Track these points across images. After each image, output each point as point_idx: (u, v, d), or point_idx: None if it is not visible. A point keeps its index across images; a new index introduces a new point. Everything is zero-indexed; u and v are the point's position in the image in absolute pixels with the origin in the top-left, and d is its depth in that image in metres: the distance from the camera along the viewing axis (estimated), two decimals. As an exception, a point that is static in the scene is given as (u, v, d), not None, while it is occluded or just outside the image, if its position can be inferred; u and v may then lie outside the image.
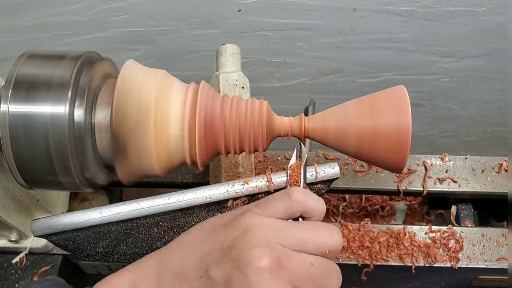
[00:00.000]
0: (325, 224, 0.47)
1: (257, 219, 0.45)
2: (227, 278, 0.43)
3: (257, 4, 0.96)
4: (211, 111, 0.49)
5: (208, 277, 0.44)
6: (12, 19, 0.97)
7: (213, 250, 0.45)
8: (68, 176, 0.49)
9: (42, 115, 0.47)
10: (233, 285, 0.42)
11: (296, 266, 0.43)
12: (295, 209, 0.46)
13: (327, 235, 0.45)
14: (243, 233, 0.44)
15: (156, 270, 0.47)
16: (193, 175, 0.75)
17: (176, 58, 1.09)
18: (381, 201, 1.01)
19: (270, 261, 0.42)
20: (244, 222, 0.45)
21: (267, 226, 0.44)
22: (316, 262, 0.44)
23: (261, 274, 0.42)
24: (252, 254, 0.42)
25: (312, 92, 1.19)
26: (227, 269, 0.43)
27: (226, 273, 0.43)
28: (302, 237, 0.45)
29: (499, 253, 0.71)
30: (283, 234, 0.44)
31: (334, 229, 0.46)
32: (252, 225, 0.45)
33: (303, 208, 0.47)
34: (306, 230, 0.45)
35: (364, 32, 1.04)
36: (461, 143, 1.41)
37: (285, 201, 0.46)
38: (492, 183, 0.75)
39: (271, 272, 0.42)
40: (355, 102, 0.51)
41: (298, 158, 0.51)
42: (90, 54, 0.51)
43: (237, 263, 0.43)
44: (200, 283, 0.44)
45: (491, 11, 0.98)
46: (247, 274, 0.42)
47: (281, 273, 0.42)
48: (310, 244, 0.45)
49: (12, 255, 0.73)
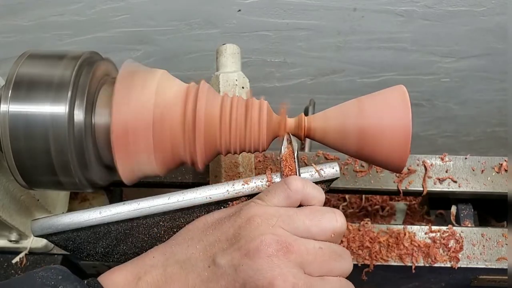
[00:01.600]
0: (327, 208, 0.47)
1: (260, 208, 0.46)
2: (236, 266, 0.43)
3: (257, 4, 0.96)
4: (211, 111, 0.49)
5: (217, 265, 0.44)
6: (12, 19, 0.97)
7: (218, 240, 0.46)
8: (68, 176, 0.49)
9: (42, 115, 0.47)
10: (243, 272, 0.43)
11: (304, 251, 0.44)
12: (295, 197, 0.47)
13: (331, 218, 0.46)
14: (247, 222, 0.45)
15: (161, 260, 0.47)
16: (193, 175, 0.75)
17: (176, 58, 1.09)
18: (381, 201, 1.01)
19: (278, 247, 0.43)
20: (247, 212, 0.46)
21: (271, 214, 0.45)
22: (324, 246, 0.45)
23: (270, 260, 0.42)
24: (260, 241, 0.43)
25: (312, 92, 1.19)
26: (235, 258, 0.44)
27: (235, 262, 0.43)
28: (306, 223, 0.45)
29: (499, 253, 0.71)
30: (287, 221, 0.45)
31: (337, 212, 0.47)
32: (255, 214, 0.45)
33: (303, 196, 0.47)
34: (309, 215, 0.46)
35: (364, 32, 1.04)
36: (461, 143, 1.41)
37: (284, 191, 0.47)
38: (492, 183, 0.75)
39: (279, 257, 0.43)
40: (355, 102, 0.51)
41: (287, 149, 0.51)
42: (90, 54, 0.51)
43: (245, 251, 0.43)
44: (209, 272, 0.45)
45: (491, 11, 0.98)
46: (257, 260, 0.42)
47: (291, 257, 0.43)
48: (315, 228, 0.45)
49: (12, 255, 0.73)
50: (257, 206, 0.46)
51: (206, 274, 0.45)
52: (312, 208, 0.47)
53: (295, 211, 0.46)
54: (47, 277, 0.45)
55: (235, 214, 0.47)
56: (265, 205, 0.47)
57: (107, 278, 0.47)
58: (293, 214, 0.46)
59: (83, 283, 0.46)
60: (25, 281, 0.45)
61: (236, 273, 0.43)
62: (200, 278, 0.45)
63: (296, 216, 0.46)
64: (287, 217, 0.45)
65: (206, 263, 0.45)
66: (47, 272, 0.45)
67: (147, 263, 0.48)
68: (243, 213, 0.46)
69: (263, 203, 0.47)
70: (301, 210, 0.47)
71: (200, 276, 0.45)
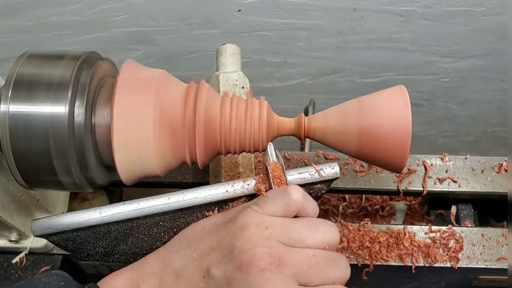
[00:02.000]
0: (322, 220, 0.47)
1: (255, 216, 0.45)
2: (229, 279, 0.43)
3: (257, 4, 0.96)
4: (211, 111, 0.49)
5: (211, 277, 0.44)
6: (12, 19, 0.97)
7: (213, 248, 0.46)
8: (68, 176, 0.49)
9: (42, 115, 0.47)
10: (235, 286, 0.42)
11: (298, 261, 0.43)
12: (293, 207, 0.46)
13: (325, 230, 0.46)
14: (242, 231, 0.44)
15: (158, 269, 0.48)
16: (193, 175, 0.75)
17: (176, 58, 1.09)
18: (381, 201, 1.01)
19: (271, 260, 0.42)
20: (242, 220, 0.45)
21: (267, 224, 0.45)
22: (318, 253, 0.44)
23: (263, 274, 0.42)
24: (252, 254, 0.42)
25: (312, 92, 1.19)
26: (229, 270, 0.43)
27: (228, 274, 0.43)
28: (302, 234, 0.45)
29: (499, 253, 0.71)
30: (282, 232, 0.44)
31: (331, 224, 0.47)
32: (250, 223, 0.45)
33: (301, 207, 0.47)
34: (305, 226, 0.45)
35: (364, 32, 1.04)
36: (461, 143, 1.41)
37: (284, 199, 0.46)
38: (492, 183, 0.75)
39: (272, 271, 0.42)
40: (355, 102, 0.51)
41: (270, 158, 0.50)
42: (90, 54, 0.51)
43: (238, 264, 0.43)
44: (203, 283, 0.45)
45: (491, 11, 0.98)
46: (249, 275, 0.42)
47: (283, 270, 0.42)
48: (310, 240, 0.45)
49: (12, 255, 0.73)
50: (254, 214, 0.46)
51: (200, 285, 0.45)
52: (308, 219, 0.46)
53: (291, 221, 0.46)
54: (49, 283, 0.45)
55: (231, 221, 0.47)
56: (262, 212, 0.46)
57: (106, 283, 0.48)
58: (289, 224, 0.45)
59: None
60: (27, 287, 0.45)
61: (229, 286, 0.43)
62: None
63: (292, 227, 0.45)
64: (283, 227, 0.45)
65: (201, 274, 0.45)
66: (49, 278, 0.46)
67: (146, 271, 0.48)
68: (239, 220, 0.46)
69: (260, 210, 0.46)
70: (297, 221, 0.46)
71: (194, 286, 0.45)
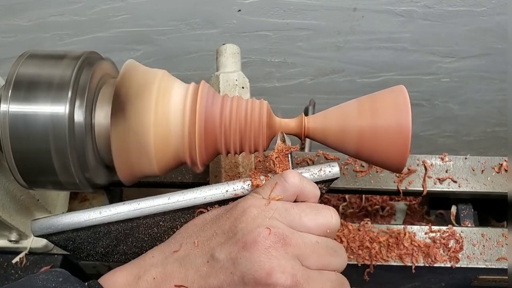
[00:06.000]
0: (322, 205, 0.48)
1: (256, 200, 0.46)
2: (234, 259, 0.43)
3: (257, 4, 0.96)
4: (211, 111, 0.49)
5: (215, 260, 0.44)
6: (12, 19, 0.97)
7: (215, 234, 0.46)
8: (68, 176, 0.49)
9: (42, 115, 0.47)
10: (241, 265, 0.43)
11: (302, 244, 0.44)
12: (292, 191, 0.47)
13: (326, 214, 0.47)
14: (243, 214, 0.45)
15: (161, 259, 0.48)
16: (193, 175, 0.75)
17: (176, 58, 1.09)
18: (381, 201, 1.01)
19: (276, 239, 0.43)
20: (243, 205, 0.46)
21: (268, 206, 0.45)
22: (321, 241, 0.45)
23: (268, 252, 0.42)
24: (257, 233, 0.43)
25: (312, 92, 1.19)
26: (233, 251, 0.44)
27: (233, 255, 0.43)
28: (302, 217, 0.46)
29: (499, 253, 0.71)
30: (283, 214, 0.45)
31: (332, 209, 0.47)
32: (251, 205, 0.45)
33: (299, 191, 0.47)
34: (305, 210, 0.46)
35: (364, 32, 1.04)
36: (461, 143, 1.41)
37: (281, 183, 0.47)
38: (492, 183, 0.75)
39: (277, 249, 0.43)
40: (355, 102, 0.51)
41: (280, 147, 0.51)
42: (90, 54, 0.51)
43: (242, 244, 0.43)
44: (208, 267, 0.45)
45: (491, 11, 0.98)
46: (254, 252, 0.42)
47: (288, 250, 0.43)
48: (311, 223, 0.46)
49: (12, 255, 0.73)
50: (254, 199, 0.46)
51: (205, 269, 0.45)
52: (308, 204, 0.47)
53: (291, 205, 0.46)
54: (47, 279, 0.45)
55: (232, 208, 0.47)
56: (261, 197, 0.47)
57: (107, 279, 0.48)
58: (289, 207, 0.46)
59: (84, 285, 0.46)
60: (26, 284, 0.45)
61: (234, 266, 0.43)
62: (199, 273, 0.45)
63: (293, 210, 0.46)
64: (283, 210, 0.45)
65: (205, 258, 0.45)
66: (47, 275, 0.46)
67: (147, 262, 0.48)
68: (239, 205, 0.46)
69: (259, 196, 0.47)
70: (298, 204, 0.47)
71: (199, 272, 0.45)
